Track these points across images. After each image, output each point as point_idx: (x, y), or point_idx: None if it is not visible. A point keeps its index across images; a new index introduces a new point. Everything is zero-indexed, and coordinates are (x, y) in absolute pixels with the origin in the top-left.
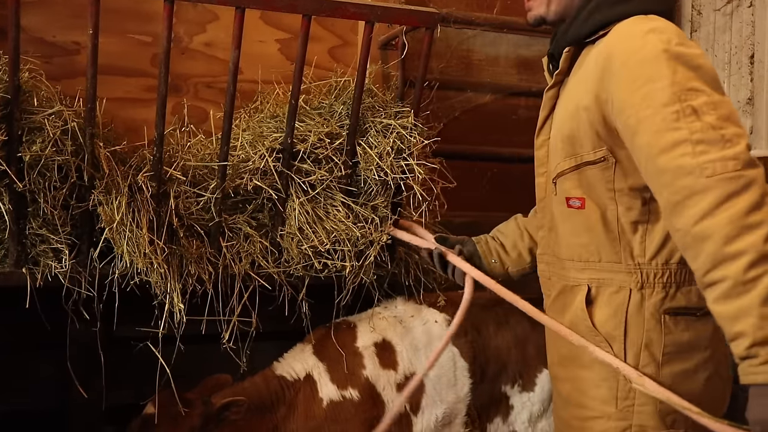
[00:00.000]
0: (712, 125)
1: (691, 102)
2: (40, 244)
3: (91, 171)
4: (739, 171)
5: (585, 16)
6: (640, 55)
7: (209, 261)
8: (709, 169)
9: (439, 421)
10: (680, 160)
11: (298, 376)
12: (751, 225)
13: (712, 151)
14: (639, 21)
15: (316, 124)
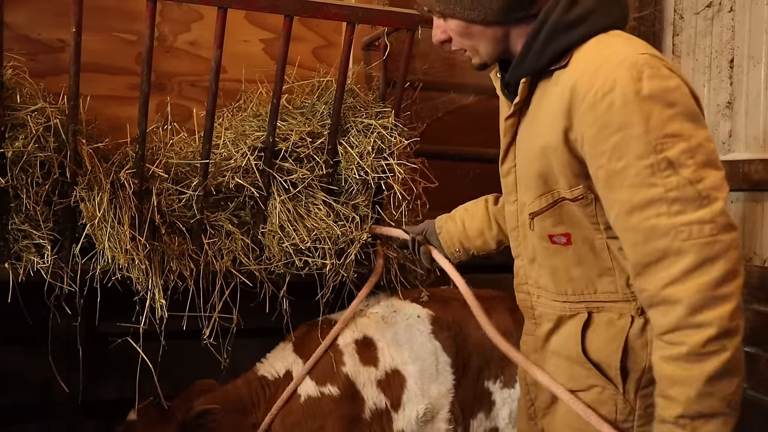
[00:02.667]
0: (689, 180)
1: (666, 153)
2: (23, 239)
3: (74, 167)
4: (715, 236)
5: (540, 48)
6: (609, 98)
7: (191, 258)
8: (684, 233)
9: (421, 417)
10: (655, 220)
11: (278, 374)
12: (720, 297)
13: (688, 211)
14: (602, 48)
15: (298, 124)
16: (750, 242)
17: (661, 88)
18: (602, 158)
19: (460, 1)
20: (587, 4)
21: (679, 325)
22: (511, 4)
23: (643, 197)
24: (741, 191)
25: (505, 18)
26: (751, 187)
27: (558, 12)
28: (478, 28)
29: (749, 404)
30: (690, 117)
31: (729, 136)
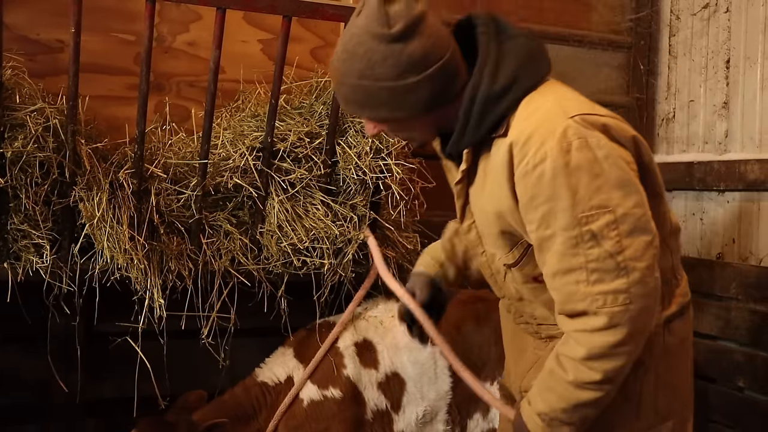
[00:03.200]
0: (609, 252)
1: (591, 226)
2: (22, 239)
3: (73, 167)
4: (627, 305)
5: (476, 123)
6: (540, 170)
7: (189, 257)
8: (599, 301)
9: (420, 419)
10: (574, 287)
11: (279, 379)
12: (615, 355)
13: (605, 281)
14: (533, 111)
15: (297, 124)
16: (746, 242)
17: (589, 159)
18: (533, 225)
19: (384, 106)
20: (510, 70)
21: (575, 360)
22: (434, 95)
23: (566, 265)
24: (737, 191)
25: (432, 107)
26: (746, 187)
27: (485, 85)
28: (408, 122)
29: (746, 403)
30: (618, 185)
31: (725, 137)
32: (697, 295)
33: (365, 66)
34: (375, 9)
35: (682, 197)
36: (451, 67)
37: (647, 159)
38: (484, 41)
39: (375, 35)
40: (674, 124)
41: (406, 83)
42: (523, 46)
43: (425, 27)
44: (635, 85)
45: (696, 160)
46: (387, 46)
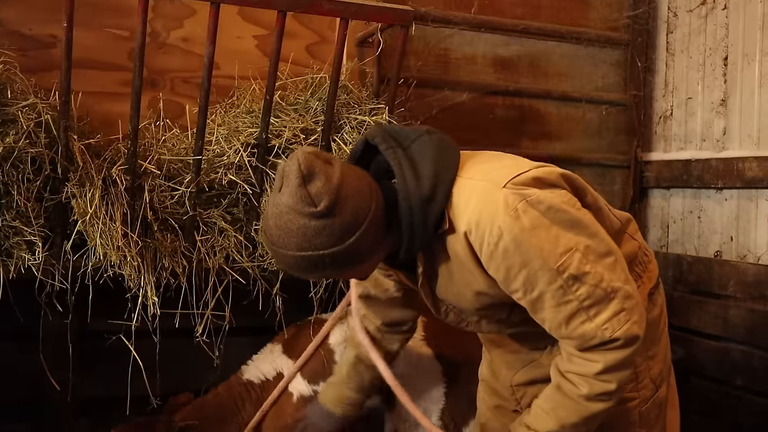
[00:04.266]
0: (594, 285)
1: (569, 271)
2: (14, 236)
3: (65, 163)
4: (629, 319)
5: (421, 227)
6: (502, 245)
7: (183, 255)
8: (608, 330)
9: (413, 421)
10: (581, 328)
11: (266, 377)
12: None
13: (603, 310)
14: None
15: (292, 120)
16: (744, 240)
17: (537, 216)
18: (518, 293)
19: (328, 268)
20: (429, 171)
21: (589, 376)
22: (373, 242)
23: (565, 314)
24: (735, 189)
25: (373, 251)
26: (745, 185)
27: (413, 193)
28: (354, 271)
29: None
30: (569, 226)
31: (723, 134)
32: (695, 294)
33: (302, 240)
34: (296, 190)
35: (679, 195)
36: (379, 211)
37: (579, 184)
38: (393, 156)
39: (304, 214)
40: (672, 121)
41: (346, 246)
42: (428, 144)
43: (347, 192)
44: (633, 83)
45: (694, 158)
46: (318, 221)
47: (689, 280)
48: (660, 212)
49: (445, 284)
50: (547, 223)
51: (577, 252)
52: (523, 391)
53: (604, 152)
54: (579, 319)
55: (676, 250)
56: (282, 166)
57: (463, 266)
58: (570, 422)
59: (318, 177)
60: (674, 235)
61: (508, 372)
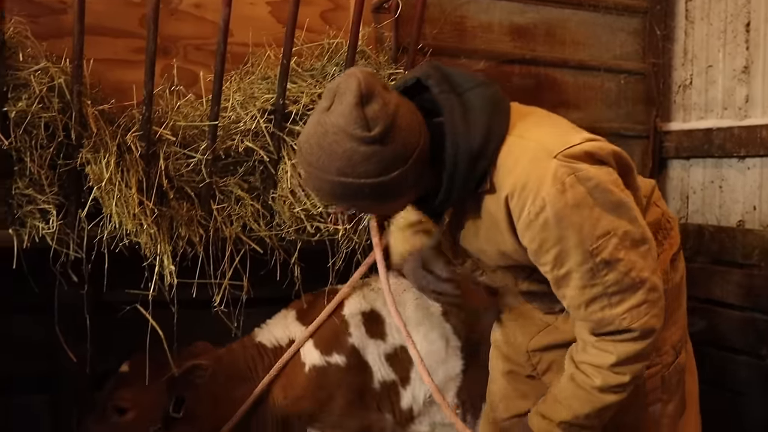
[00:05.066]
0: (624, 273)
1: (602, 255)
2: (27, 204)
3: (79, 129)
4: (649, 312)
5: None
6: (543, 217)
7: (200, 223)
8: (627, 319)
9: (428, 398)
10: (600, 313)
11: (278, 342)
12: (643, 356)
13: (626, 299)
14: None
15: (308, 86)
16: None
17: (583, 193)
18: (546, 266)
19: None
20: (482, 125)
21: (603, 367)
22: (414, 180)
23: (588, 296)
24: (758, 157)
25: (412, 189)
26: None
27: (463, 145)
28: (385, 206)
29: None
30: (612, 208)
31: (745, 102)
32: (718, 264)
33: (345, 164)
34: (351, 110)
35: (699, 165)
36: (425, 150)
37: (626, 162)
38: (446, 101)
39: (354, 137)
40: (691, 90)
41: (390, 177)
42: (483, 96)
43: (401, 122)
44: (651, 51)
45: (715, 127)
46: (368, 147)
47: (711, 250)
48: (680, 183)
49: (469, 238)
50: (591, 202)
51: (614, 237)
52: (539, 357)
53: (622, 122)
54: (600, 303)
55: (697, 221)
56: (335, 83)
57: (494, 227)
58: (583, 413)
59: (376, 100)
60: (694, 206)
61: (523, 338)
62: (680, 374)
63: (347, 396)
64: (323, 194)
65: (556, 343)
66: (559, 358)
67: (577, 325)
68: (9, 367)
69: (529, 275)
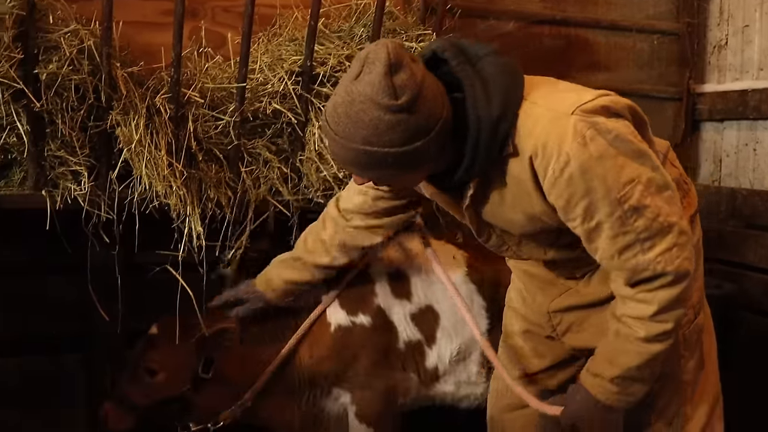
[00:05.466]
0: (652, 218)
1: (630, 202)
2: (59, 166)
3: (109, 91)
4: (680, 255)
5: (487, 150)
6: (568, 172)
7: (228, 186)
8: (661, 263)
9: (454, 356)
10: (634, 260)
11: (304, 304)
12: (682, 301)
13: (657, 244)
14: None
15: (336, 47)
16: None
17: (604, 145)
18: (575, 221)
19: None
20: (499, 92)
21: (645, 318)
22: (437, 151)
23: (621, 245)
24: None
25: (433, 161)
26: None
27: (484, 114)
28: (406, 177)
29: None
30: (634, 156)
31: None
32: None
33: (371, 133)
34: (380, 78)
35: (734, 127)
36: (449, 121)
37: (640, 116)
38: (464, 73)
39: (381, 105)
40: (726, 51)
41: (413, 147)
42: (496, 64)
43: (428, 92)
44: (686, 11)
45: (750, 88)
46: (394, 115)
47: (744, 214)
48: (712, 146)
49: (494, 209)
50: (614, 153)
51: (639, 184)
52: (559, 318)
53: (654, 84)
54: (633, 250)
55: (729, 185)
56: (364, 52)
57: (521, 191)
58: (633, 365)
59: (404, 69)
60: (727, 169)
61: (544, 299)
62: (699, 334)
63: (372, 356)
64: (347, 163)
65: (576, 305)
66: (579, 320)
67: (614, 281)
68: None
69: (554, 241)
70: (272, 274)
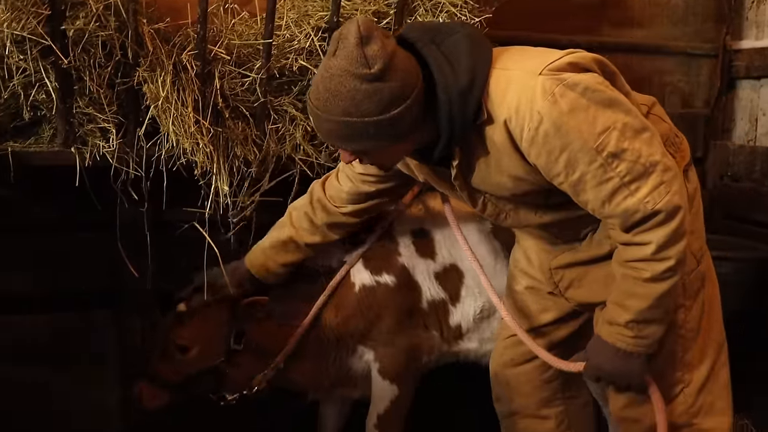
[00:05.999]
0: (633, 161)
1: (608, 149)
2: (88, 123)
3: (135, 48)
4: (669, 191)
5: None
6: (543, 130)
7: (255, 143)
8: (650, 202)
9: (477, 314)
10: (624, 204)
11: (330, 264)
12: (680, 235)
13: (643, 185)
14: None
15: (362, 3)
16: None
17: (574, 98)
18: (560, 177)
19: (370, 138)
20: (465, 64)
21: (647, 258)
22: (413, 120)
23: (607, 191)
24: None
25: (412, 131)
26: None
27: (452, 85)
28: (388, 149)
29: None
30: (606, 105)
31: None
32: None
33: (350, 104)
34: (353, 51)
35: None
36: (422, 93)
37: (610, 69)
38: (429, 51)
39: (356, 75)
40: (765, 6)
41: (390, 115)
42: (463, 38)
43: (399, 61)
44: None
45: None
46: (370, 84)
47: None
48: (749, 104)
49: (482, 175)
50: (585, 104)
51: (614, 130)
52: (561, 274)
53: (689, 40)
54: (621, 195)
55: (765, 144)
56: (338, 31)
57: (501, 155)
58: (644, 307)
59: (375, 41)
60: (764, 128)
61: (546, 256)
62: (701, 281)
63: (395, 315)
64: (331, 137)
65: (577, 261)
66: (579, 275)
67: (611, 231)
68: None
69: (546, 201)
70: (266, 260)
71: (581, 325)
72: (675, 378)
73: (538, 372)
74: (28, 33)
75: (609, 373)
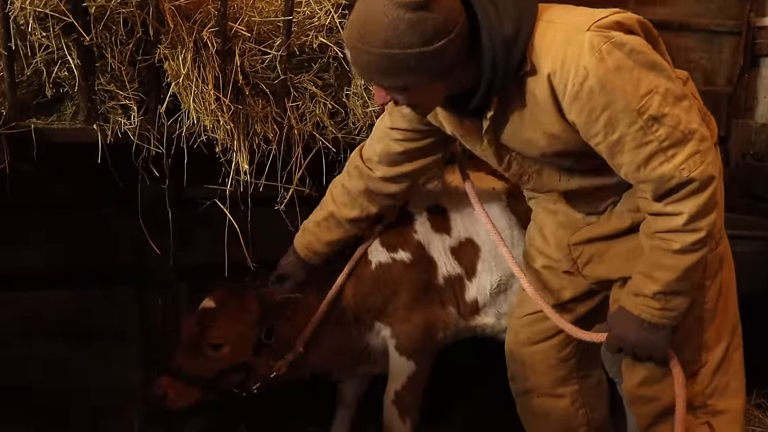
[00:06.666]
0: (673, 126)
1: (649, 112)
2: (109, 100)
3: (156, 25)
4: (704, 161)
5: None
6: (587, 86)
7: (275, 120)
8: (685, 170)
9: (494, 288)
10: (659, 169)
11: None
12: (712, 206)
13: (680, 152)
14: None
15: None
16: None
17: (621, 58)
18: (598, 137)
19: (410, 72)
20: (512, 13)
21: (678, 229)
22: (456, 57)
23: (644, 155)
24: None
25: (453, 68)
26: None
27: (497, 32)
28: (427, 87)
29: None
30: (650, 67)
31: None
32: None
33: (392, 35)
34: None
35: None
36: (465, 31)
37: (653, 34)
38: None
39: (400, 4)
40: None
41: (433, 48)
42: None
43: None
44: None
45: None
46: (413, 13)
47: None
48: None
49: (514, 130)
50: (631, 65)
51: (657, 94)
52: (580, 250)
53: (713, 17)
54: (658, 160)
55: None
56: None
57: (539, 110)
58: (672, 279)
59: None
60: None
61: (565, 232)
62: (719, 263)
63: (411, 291)
64: (371, 70)
65: (597, 236)
66: (600, 251)
67: (641, 201)
68: (97, 259)
69: (573, 165)
70: (311, 238)
71: (598, 303)
72: (692, 358)
73: (555, 351)
74: (51, 10)
75: (633, 344)
